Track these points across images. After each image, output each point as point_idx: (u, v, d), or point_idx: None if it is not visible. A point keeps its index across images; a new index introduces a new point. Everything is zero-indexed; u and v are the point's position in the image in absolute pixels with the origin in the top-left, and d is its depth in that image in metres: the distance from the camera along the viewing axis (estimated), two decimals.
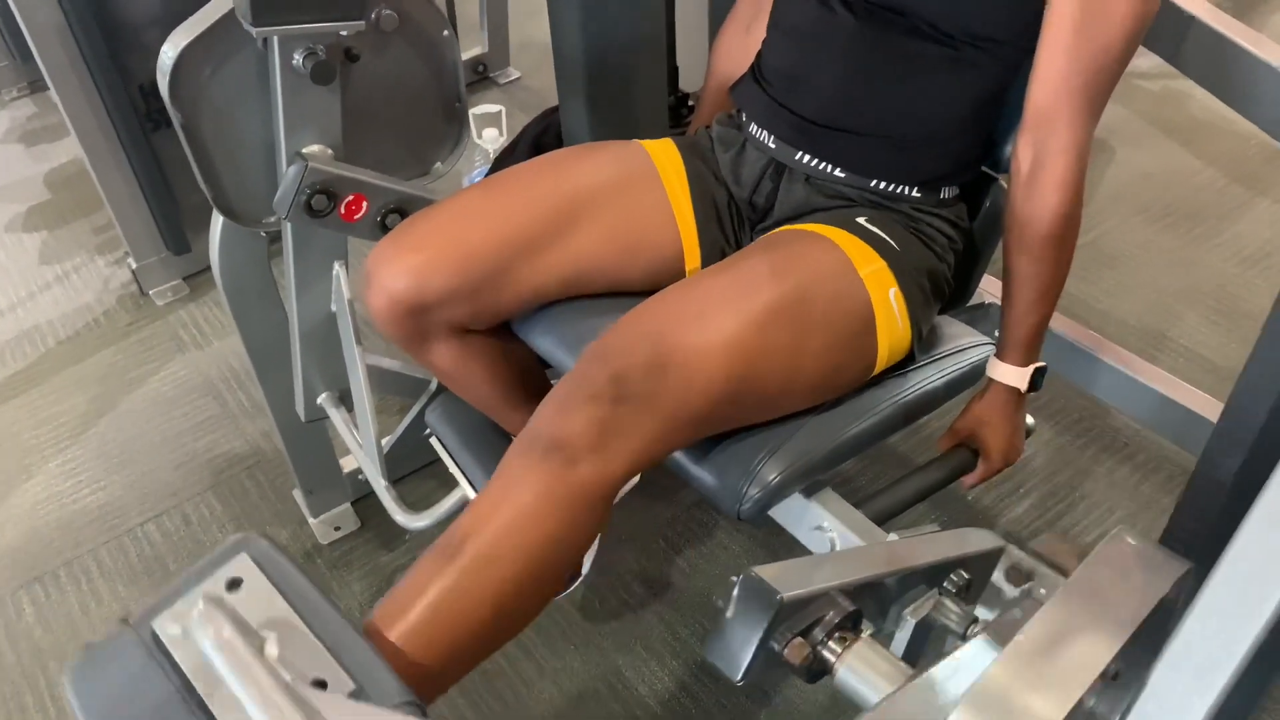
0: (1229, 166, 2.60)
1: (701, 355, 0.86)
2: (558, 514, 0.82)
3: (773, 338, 0.90)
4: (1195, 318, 2.13)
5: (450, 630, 0.78)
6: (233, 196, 1.29)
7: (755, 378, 0.90)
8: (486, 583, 0.80)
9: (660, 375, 0.85)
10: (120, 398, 2.05)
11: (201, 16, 1.20)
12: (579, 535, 0.85)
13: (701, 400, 0.87)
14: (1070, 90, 0.96)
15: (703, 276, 0.96)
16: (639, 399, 0.84)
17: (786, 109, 1.07)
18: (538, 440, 0.84)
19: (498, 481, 0.84)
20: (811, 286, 0.94)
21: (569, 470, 0.82)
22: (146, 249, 2.24)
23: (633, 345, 0.87)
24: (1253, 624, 0.50)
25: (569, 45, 1.45)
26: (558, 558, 0.84)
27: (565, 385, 0.87)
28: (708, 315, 0.89)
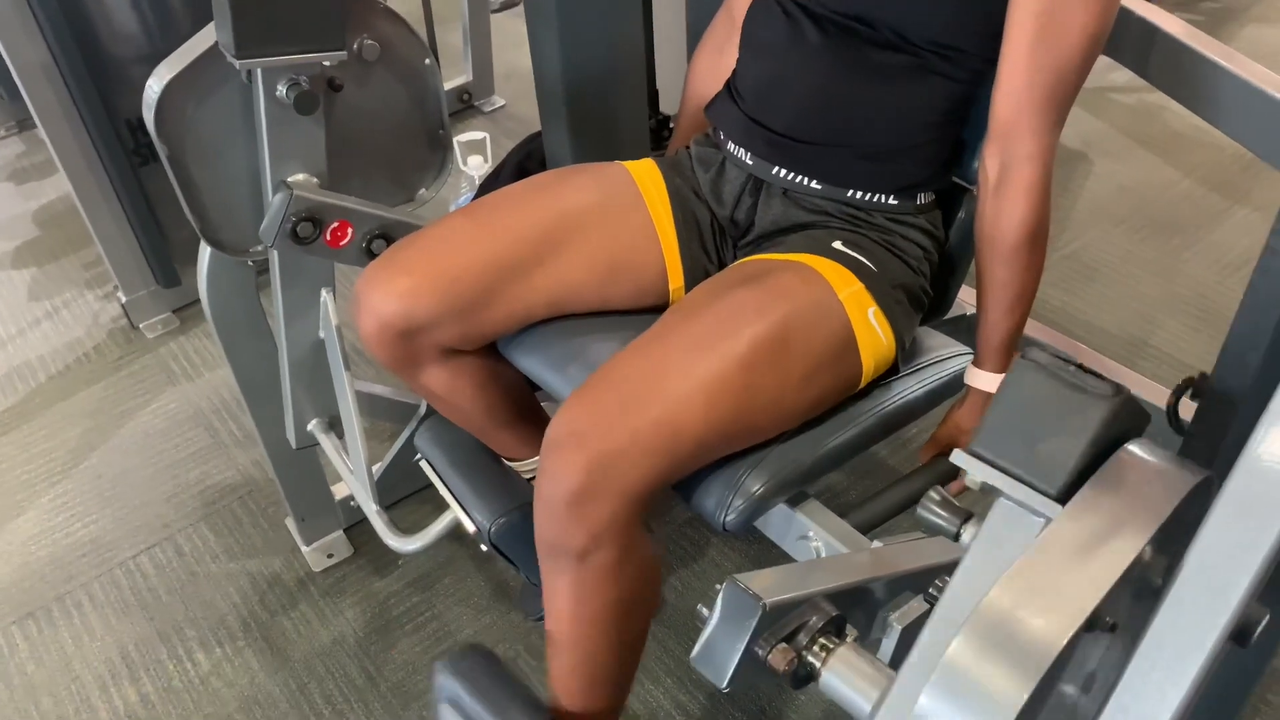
0: (1206, 176, 2.64)
1: (684, 409, 0.88)
2: (593, 597, 0.95)
3: (756, 377, 0.92)
4: (1177, 325, 2.16)
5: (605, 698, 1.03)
6: (219, 227, 1.30)
7: (739, 418, 0.92)
8: (577, 662, 0.99)
9: (641, 436, 0.87)
10: (112, 431, 2.06)
11: (185, 51, 1.23)
12: (620, 593, 0.96)
13: (691, 447, 0.90)
14: (1032, 100, 0.98)
15: (680, 320, 0.96)
16: (621, 470, 0.87)
17: (761, 125, 1.09)
18: (546, 546, 0.95)
19: (545, 582, 0.98)
20: (791, 318, 0.95)
21: (584, 564, 0.92)
22: (136, 283, 2.26)
23: (606, 417, 0.89)
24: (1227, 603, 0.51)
25: (549, 71, 1.48)
26: (615, 616, 0.97)
27: (548, 479, 0.90)
28: (688, 364, 0.90)
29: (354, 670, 1.58)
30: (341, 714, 1.52)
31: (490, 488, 1.22)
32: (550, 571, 0.95)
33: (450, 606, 1.66)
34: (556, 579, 0.95)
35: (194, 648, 1.63)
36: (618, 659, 1.02)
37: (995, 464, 0.66)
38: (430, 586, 1.70)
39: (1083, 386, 0.64)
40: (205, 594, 1.72)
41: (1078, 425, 0.63)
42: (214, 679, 1.58)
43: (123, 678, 1.59)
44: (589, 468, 0.87)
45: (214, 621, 1.67)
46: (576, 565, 0.92)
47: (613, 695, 1.04)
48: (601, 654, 0.99)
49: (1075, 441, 0.63)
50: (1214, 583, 0.53)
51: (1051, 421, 0.64)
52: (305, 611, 1.67)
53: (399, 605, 1.67)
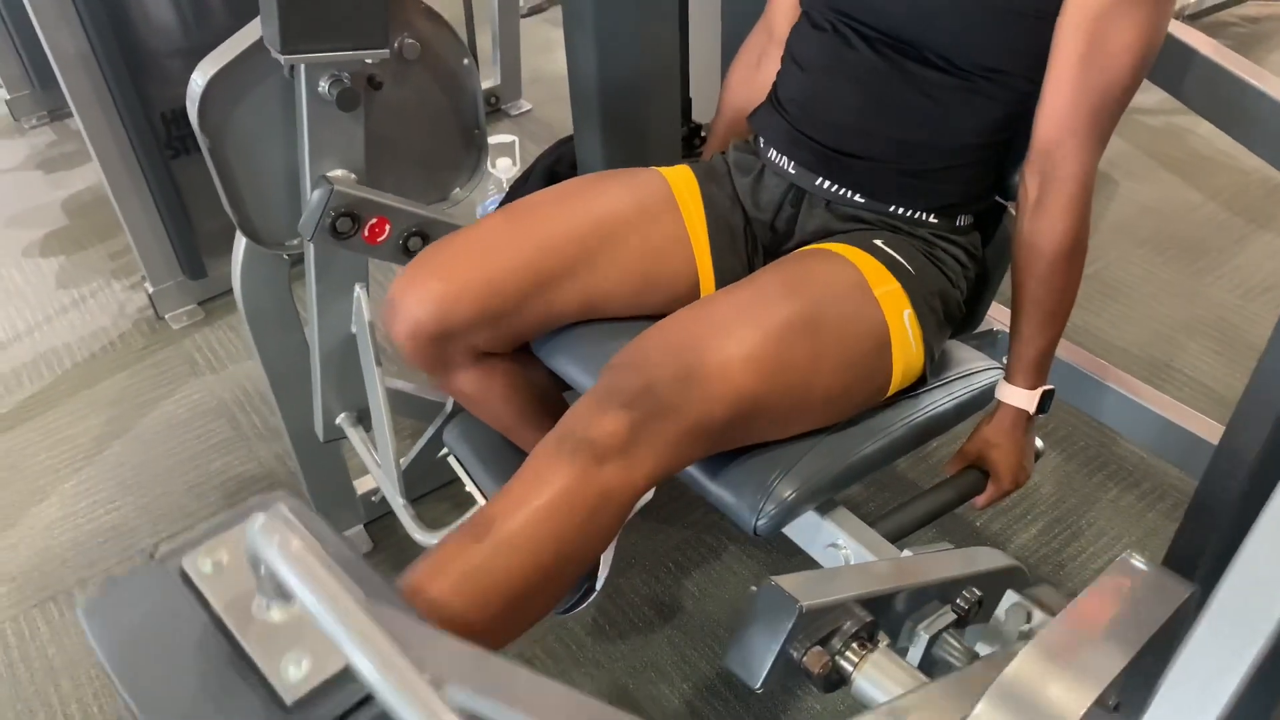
0: (1230, 200, 2.64)
1: (724, 367, 0.89)
2: (580, 509, 0.85)
3: (790, 352, 0.92)
4: (1198, 348, 2.15)
5: (472, 608, 0.81)
6: (257, 220, 1.32)
7: (773, 391, 0.92)
8: (508, 567, 0.83)
9: (686, 386, 0.87)
10: (135, 420, 2.08)
11: (229, 46, 1.24)
12: (596, 534, 0.88)
13: (723, 410, 0.89)
14: (1076, 121, 0.99)
15: (722, 293, 0.98)
16: (666, 408, 0.87)
17: (806, 137, 1.10)
18: (568, 438, 0.88)
19: (527, 472, 0.88)
20: (827, 303, 0.97)
21: (595, 469, 0.86)
22: (163, 274, 2.28)
23: (660, 357, 0.90)
24: (1254, 642, 0.51)
25: (585, 76, 1.49)
26: (574, 553, 0.87)
27: (598, 390, 0.90)
28: (728, 329, 0.92)
29: None
30: None
31: None
32: (547, 462, 0.87)
33: None
34: (552, 469, 0.86)
35: None
36: (537, 591, 0.87)
37: None
38: None
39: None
40: None
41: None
42: None
43: None
44: (647, 383, 0.87)
45: None
46: (589, 466, 0.85)
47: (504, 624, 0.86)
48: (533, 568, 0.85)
49: None
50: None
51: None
52: None
53: None
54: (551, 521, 0.84)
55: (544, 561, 0.84)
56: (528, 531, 0.84)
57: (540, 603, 0.88)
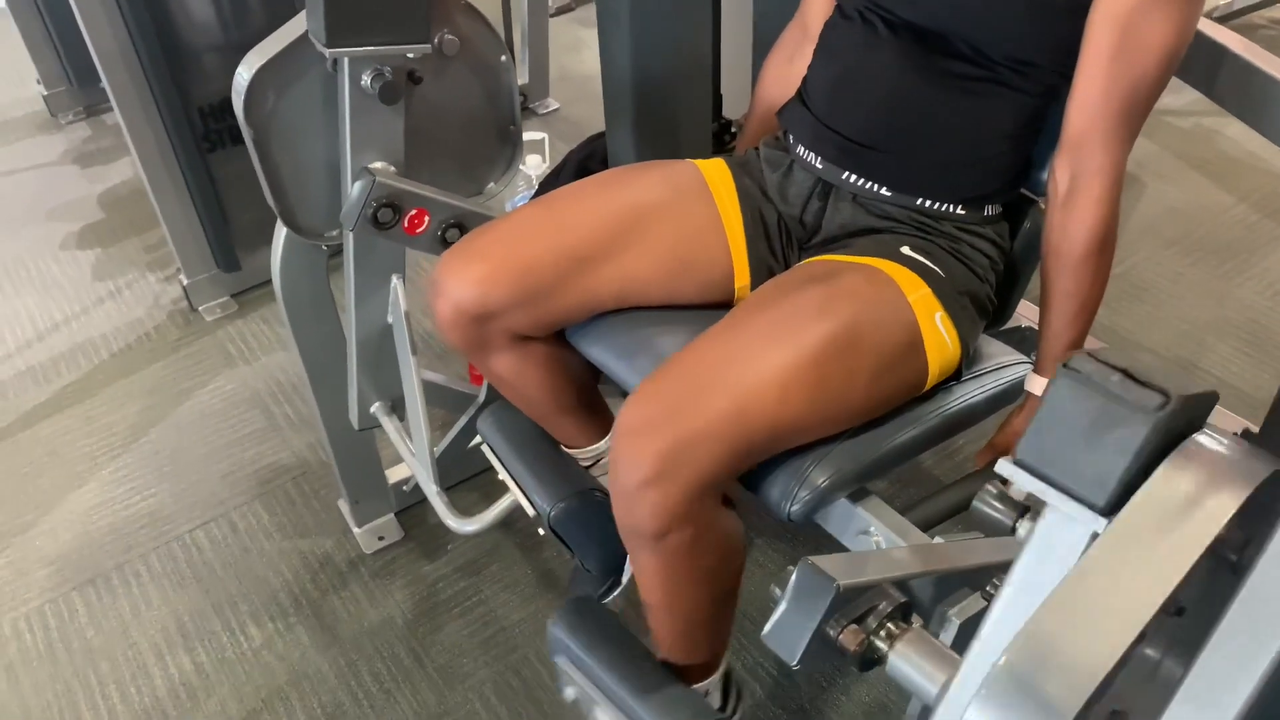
0: (1259, 203, 2.63)
1: (756, 396, 0.91)
2: (677, 569, 0.99)
3: (826, 371, 0.94)
4: (1226, 349, 2.15)
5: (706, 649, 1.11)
6: (298, 211, 1.35)
7: (811, 411, 0.94)
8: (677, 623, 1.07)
9: (724, 426, 0.90)
10: (170, 409, 2.11)
11: (273, 40, 1.27)
12: (705, 561, 1.00)
13: (762, 435, 0.92)
14: (1106, 114, 1.00)
15: (751, 313, 0.99)
16: (691, 457, 0.90)
17: (832, 130, 1.11)
18: (628, 531, 0.98)
19: (630, 555, 1.05)
20: (860, 317, 0.98)
21: (661, 544, 0.95)
22: (198, 266, 2.31)
23: (677, 401, 0.91)
24: None
25: (618, 72, 1.51)
26: (705, 580, 1.02)
27: (622, 466, 0.92)
28: (760, 354, 0.93)
29: (401, 651, 1.61)
30: (389, 693, 1.55)
31: (551, 473, 1.25)
32: (633, 549, 1.00)
33: (497, 592, 1.69)
34: (639, 556, 0.99)
35: (246, 621, 1.67)
36: (713, 615, 1.08)
37: (1041, 474, 0.65)
38: (478, 572, 1.73)
39: (1126, 399, 0.62)
40: (258, 570, 1.76)
41: (1122, 441, 0.61)
42: (265, 652, 1.62)
43: (178, 646, 1.64)
44: (661, 455, 0.89)
45: (266, 597, 1.71)
46: (654, 545, 0.95)
47: (713, 644, 1.12)
48: (696, 614, 1.06)
49: (1119, 458, 0.61)
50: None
51: (1096, 434, 0.62)
52: (355, 591, 1.71)
53: (447, 589, 1.71)
54: (670, 586, 1.01)
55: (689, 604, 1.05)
56: (662, 602, 1.04)
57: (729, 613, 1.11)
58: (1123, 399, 0.60)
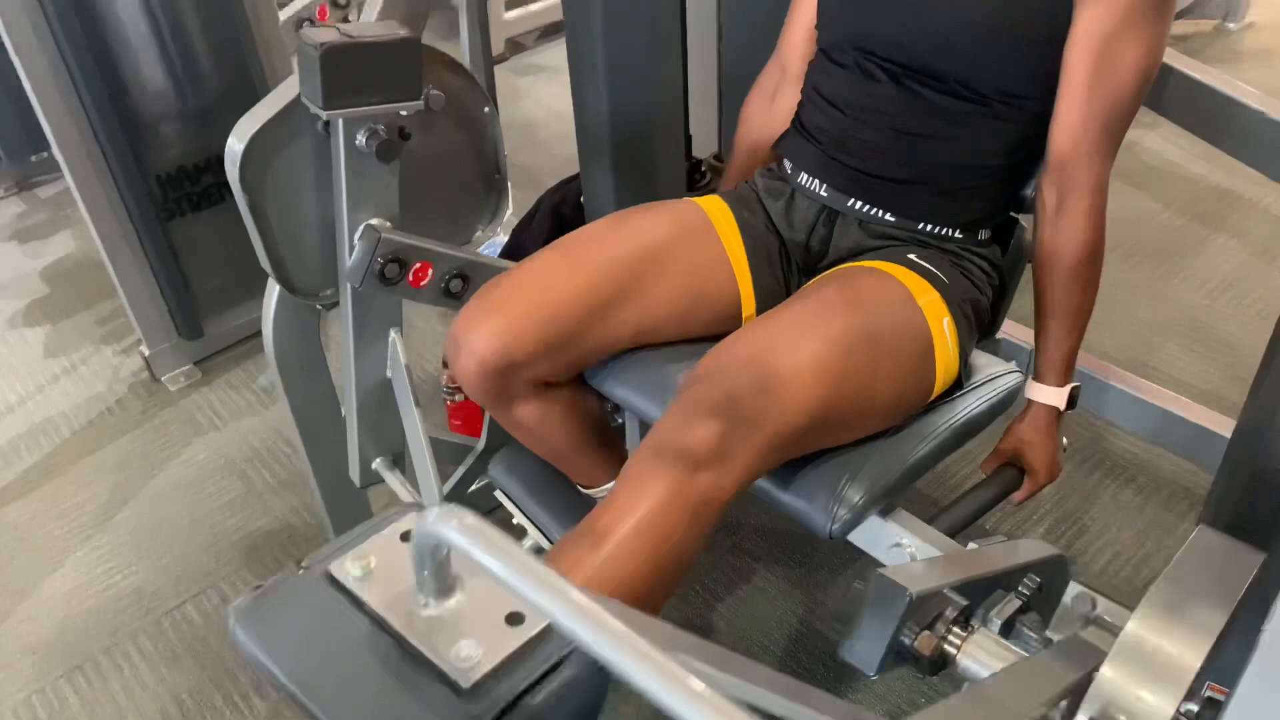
0: (1185, 207, 2.78)
1: (797, 375, 0.94)
2: (684, 513, 0.91)
3: (853, 360, 0.98)
4: (1174, 347, 2.26)
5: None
6: (293, 272, 1.35)
7: (842, 397, 0.98)
8: (626, 571, 0.89)
9: (765, 394, 0.93)
10: (142, 483, 2.06)
11: (263, 108, 1.27)
12: (698, 537, 0.94)
13: (799, 417, 0.95)
14: (1088, 133, 1.07)
15: (782, 309, 1.04)
16: (749, 416, 0.92)
17: (838, 162, 1.17)
18: (664, 448, 0.92)
19: (630, 481, 0.94)
20: (880, 315, 1.03)
21: (692, 475, 0.91)
22: (159, 336, 2.27)
23: (736, 370, 0.95)
24: None
25: (594, 118, 1.54)
26: (681, 555, 0.93)
27: (683, 403, 0.95)
28: (796, 341, 0.97)
29: None
30: None
31: (572, 513, 1.26)
32: (647, 469, 0.92)
33: None
34: (651, 476, 0.92)
35: (249, 692, 1.64)
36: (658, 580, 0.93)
37: None
38: None
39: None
40: None
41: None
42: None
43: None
44: (730, 394, 0.93)
45: None
46: (686, 472, 0.91)
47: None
48: (649, 567, 0.91)
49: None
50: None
51: None
52: None
53: None
54: (658, 526, 0.90)
55: (657, 564, 0.90)
56: (638, 538, 0.89)
57: (653, 605, 0.93)
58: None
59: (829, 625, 1.68)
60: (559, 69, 3.92)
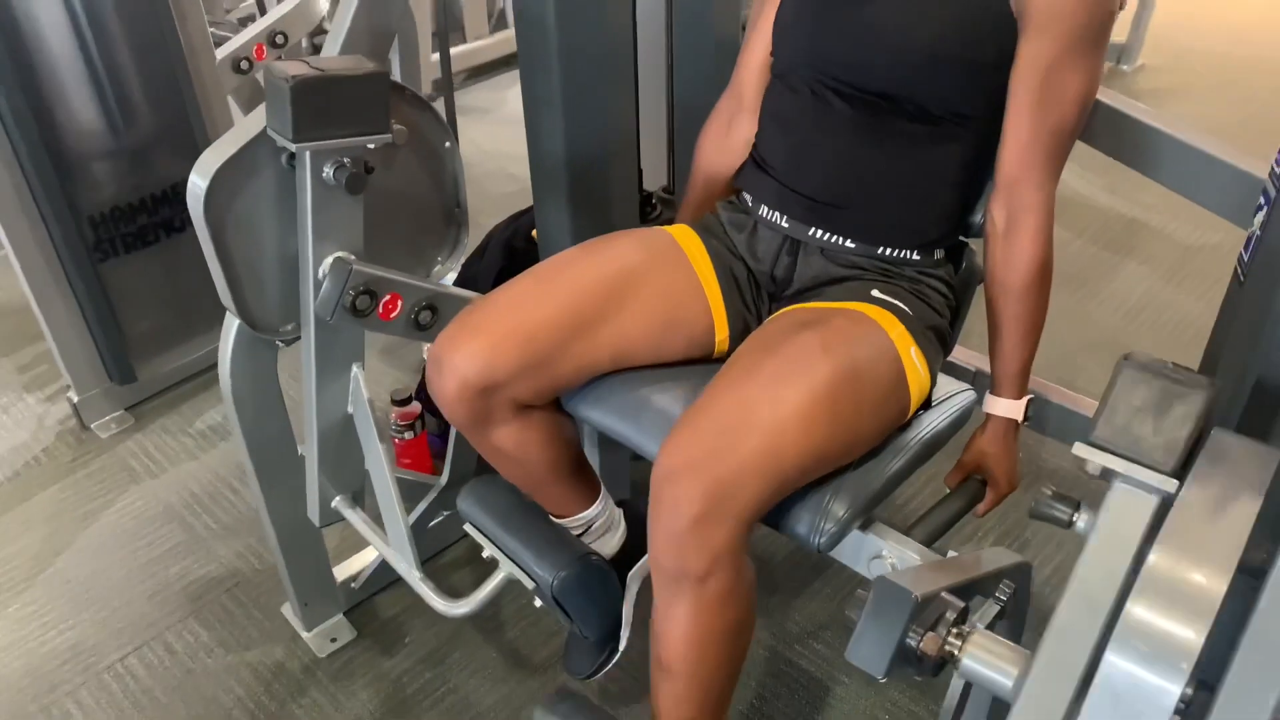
0: (1094, 236, 2.92)
1: (784, 432, 0.97)
2: (713, 620, 1.02)
3: (838, 406, 1.01)
4: (1096, 367, 2.37)
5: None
6: (254, 307, 1.33)
7: (829, 441, 1.01)
8: (702, 684, 1.07)
9: (749, 463, 0.95)
10: (76, 534, 1.98)
11: (226, 142, 1.26)
12: (735, 616, 1.04)
13: (791, 469, 0.98)
14: (1035, 155, 1.13)
15: (756, 361, 1.05)
16: (734, 497, 0.95)
17: (795, 192, 1.20)
18: (665, 575, 1.01)
19: (660, 612, 1.05)
20: (856, 354, 1.06)
21: (702, 589, 0.99)
22: (89, 381, 2.20)
23: (712, 447, 0.97)
24: None
25: (550, 152, 1.56)
26: (733, 637, 1.06)
27: (667, 512, 0.97)
28: (778, 395, 0.99)
29: None
30: None
31: (546, 543, 1.26)
32: (669, 599, 1.01)
33: (466, 679, 1.66)
34: (675, 605, 1.01)
35: None
36: (728, 678, 1.09)
37: (1114, 451, 0.77)
38: (441, 661, 1.70)
39: (1183, 380, 0.76)
40: (206, 690, 1.67)
41: (1184, 412, 0.75)
42: None
43: None
44: (706, 494, 0.94)
45: (219, 717, 1.62)
46: (697, 590, 0.98)
47: (720, 715, 1.11)
48: (716, 676, 1.06)
49: (1184, 426, 0.75)
50: None
51: (1161, 410, 0.75)
52: (316, 698, 1.65)
53: (413, 683, 1.66)
54: (701, 641, 1.03)
55: (719, 662, 1.07)
56: (692, 658, 1.05)
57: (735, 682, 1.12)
58: (1181, 380, 0.72)
59: (793, 650, 1.70)
60: (488, 109, 3.95)
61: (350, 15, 1.28)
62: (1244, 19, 4.93)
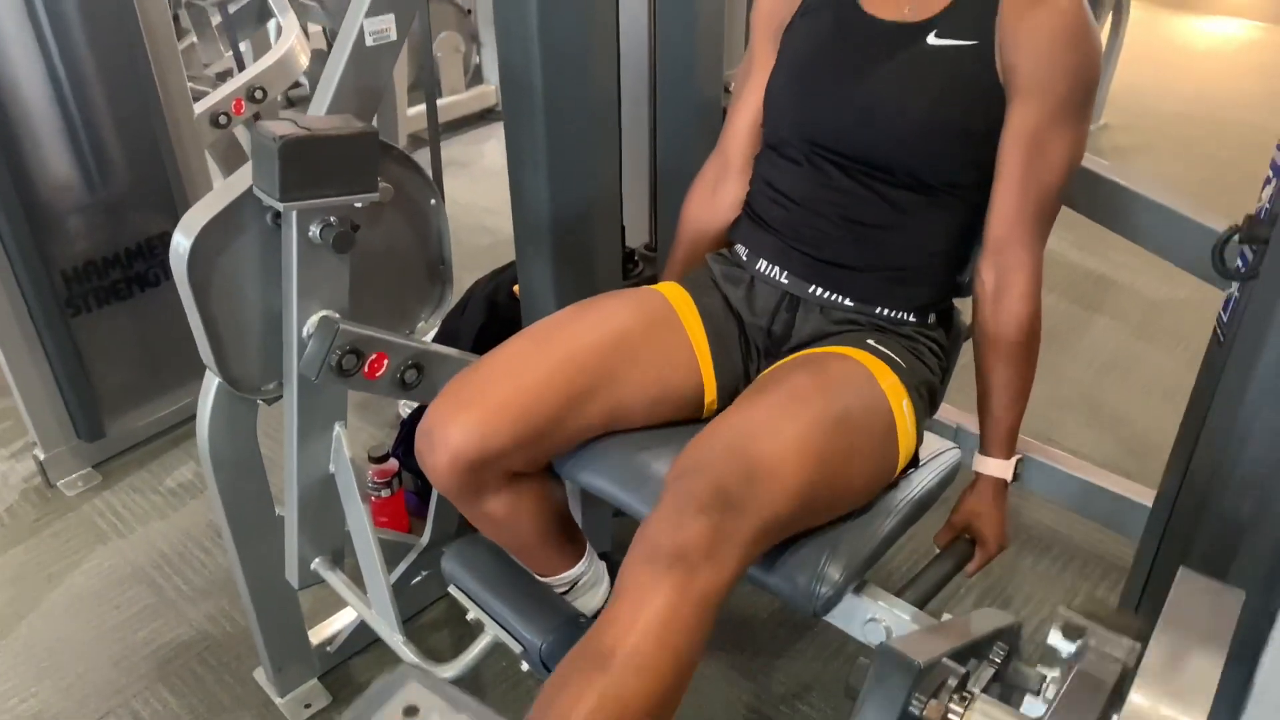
0: (1065, 291, 2.97)
1: (782, 460, 0.96)
2: (688, 619, 0.89)
3: (831, 442, 1.01)
4: (1071, 423, 2.39)
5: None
6: (236, 366, 1.31)
7: (821, 479, 1.00)
8: (639, 689, 0.86)
9: (751, 482, 0.94)
10: (40, 597, 1.92)
11: (210, 203, 1.25)
12: (701, 641, 0.92)
13: (786, 501, 0.96)
14: (1023, 220, 1.15)
15: (758, 395, 1.06)
16: (739, 505, 0.93)
17: (797, 250, 1.22)
18: (659, 551, 0.91)
19: (629, 592, 0.90)
20: (850, 398, 1.06)
21: (691, 579, 0.90)
22: (55, 438, 2.15)
23: (721, 460, 0.96)
24: None
25: (534, 210, 1.56)
26: (690, 660, 0.90)
27: (671, 500, 0.94)
28: (776, 426, 0.99)
29: None
30: None
31: (533, 605, 1.23)
32: (649, 583, 0.90)
33: None
34: (654, 591, 0.89)
35: None
36: (676, 691, 0.91)
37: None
38: None
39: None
40: None
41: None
42: None
43: None
44: (718, 486, 0.93)
45: None
46: (687, 577, 0.89)
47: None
48: (665, 683, 0.89)
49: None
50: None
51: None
52: None
53: None
54: (666, 635, 0.88)
55: (667, 676, 0.88)
56: (647, 651, 0.87)
57: (668, 717, 0.91)
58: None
59: (777, 710, 1.68)
60: (465, 163, 3.96)
61: (339, 74, 1.28)
62: (1202, 81, 5.09)
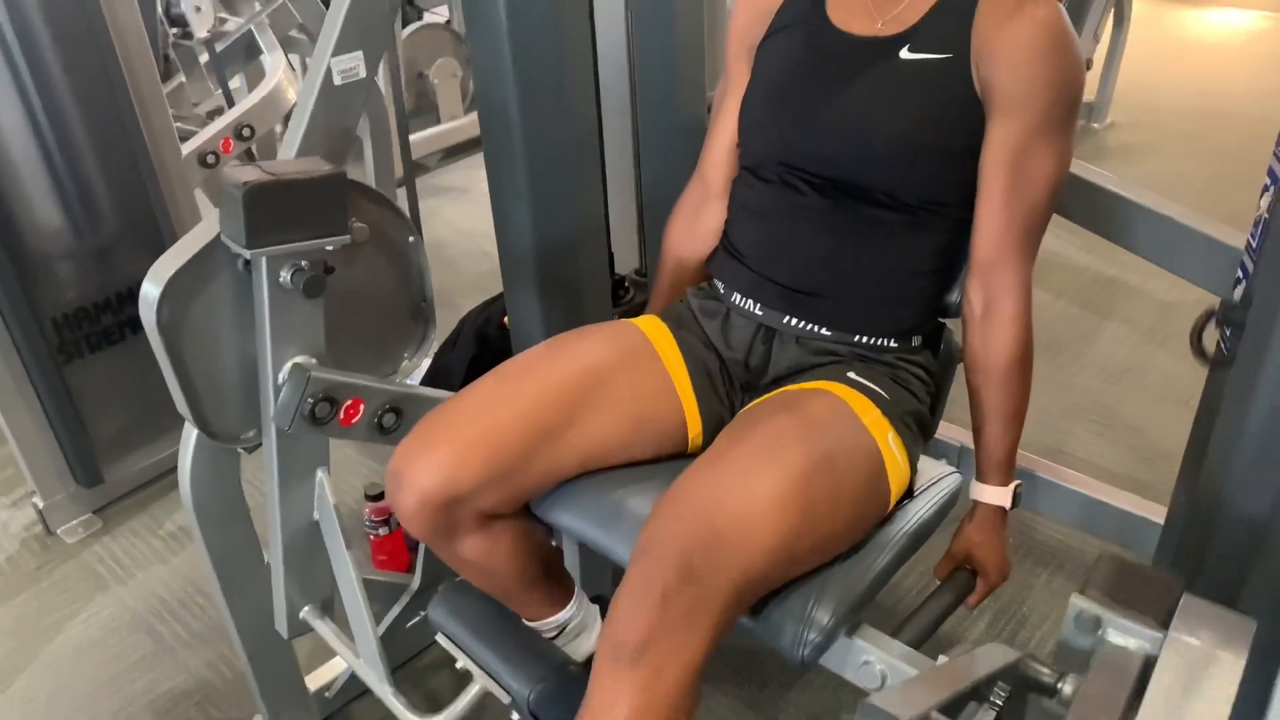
0: (1074, 297, 2.92)
1: (757, 519, 0.92)
2: (662, 711, 0.88)
3: (814, 490, 0.96)
4: (1082, 432, 2.34)
5: None
6: (212, 416, 1.28)
7: (805, 530, 0.96)
8: None
9: (721, 549, 0.90)
10: (39, 647, 1.91)
11: (179, 250, 1.22)
12: (686, 716, 0.90)
13: (762, 562, 0.92)
14: (1010, 240, 1.11)
15: (733, 444, 1.01)
16: (706, 578, 0.89)
17: (769, 280, 1.18)
18: (622, 649, 0.89)
19: (595, 697, 0.90)
20: (830, 441, 1.02)
21: (657, 677, 0.88)
22: (54, 485, 2.14)
23: (685, 527, 0.92)
24: None
25: (519, 242, 1.53)
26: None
27: (635, 584, 0.90)
28: (751, 481, 0.95)
29: None
30: None
31: (520, 654, 1.20)
32: (610, 688, 0.89)
33: None
34: (619, 689, 0.88)
35: None
36: None
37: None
38: None
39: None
40: None
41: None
42: None
43: None
44: (682, 561, 0.89)
45: None
46: (651, 678, 0.88)
47: None
48: None
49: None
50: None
51: None
52: None
53: None
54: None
55: None
56: None
57: None
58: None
59: None
60: (464, 189, 3.95)
61: (307, 116, 1.26)
62: (1209, 74, 5.03)
